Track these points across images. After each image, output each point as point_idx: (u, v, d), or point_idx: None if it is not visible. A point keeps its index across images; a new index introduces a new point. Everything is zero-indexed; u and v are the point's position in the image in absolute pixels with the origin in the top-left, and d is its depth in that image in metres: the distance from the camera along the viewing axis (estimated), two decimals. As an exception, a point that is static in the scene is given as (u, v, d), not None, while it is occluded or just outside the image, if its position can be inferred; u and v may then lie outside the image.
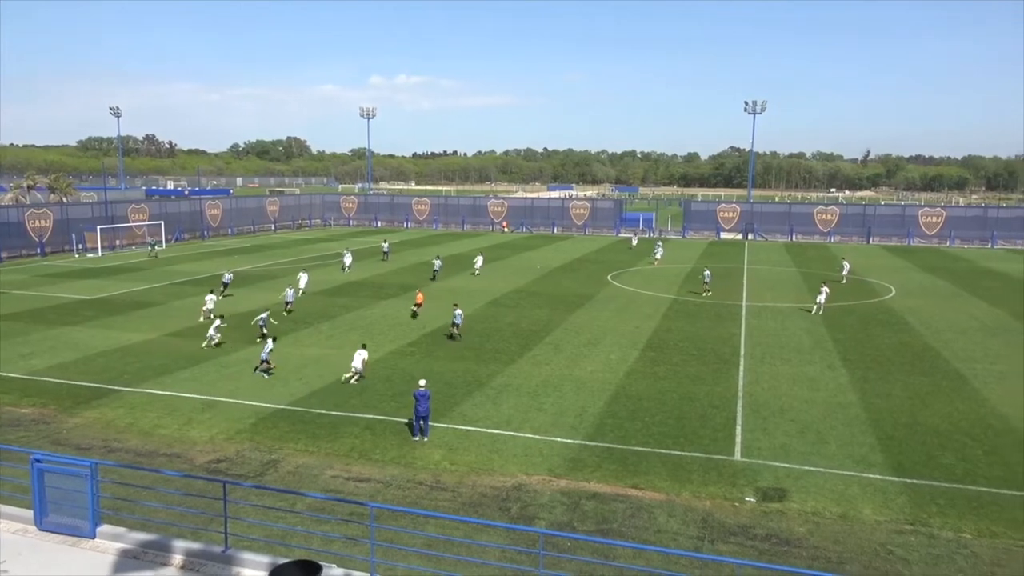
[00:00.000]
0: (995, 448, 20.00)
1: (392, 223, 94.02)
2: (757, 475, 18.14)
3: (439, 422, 21.18)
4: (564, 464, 18.67)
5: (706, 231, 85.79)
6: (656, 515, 16.01)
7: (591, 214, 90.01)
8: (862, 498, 16.93)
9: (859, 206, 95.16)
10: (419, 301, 36.95)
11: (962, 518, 15.99)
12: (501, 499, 16.70)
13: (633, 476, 17.98)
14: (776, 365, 28.10)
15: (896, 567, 14.05)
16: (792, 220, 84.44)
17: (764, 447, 19.91)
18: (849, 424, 21.71)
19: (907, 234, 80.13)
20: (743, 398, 24.10)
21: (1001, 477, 18.11)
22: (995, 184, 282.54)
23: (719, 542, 14.89)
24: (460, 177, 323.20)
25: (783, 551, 14.56)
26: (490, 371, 26.91)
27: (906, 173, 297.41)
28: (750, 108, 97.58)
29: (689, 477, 17.96)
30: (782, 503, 16.63)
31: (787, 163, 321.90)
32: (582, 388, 24.98)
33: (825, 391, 24.92)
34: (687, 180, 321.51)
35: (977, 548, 14.77)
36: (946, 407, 23.37)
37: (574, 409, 22.82)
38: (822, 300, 37.93)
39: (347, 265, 52.38)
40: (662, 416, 22.26)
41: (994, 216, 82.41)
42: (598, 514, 16.02)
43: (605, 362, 28.35)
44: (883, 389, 25.17)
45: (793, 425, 21.58)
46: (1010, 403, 23.77)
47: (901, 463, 18.91)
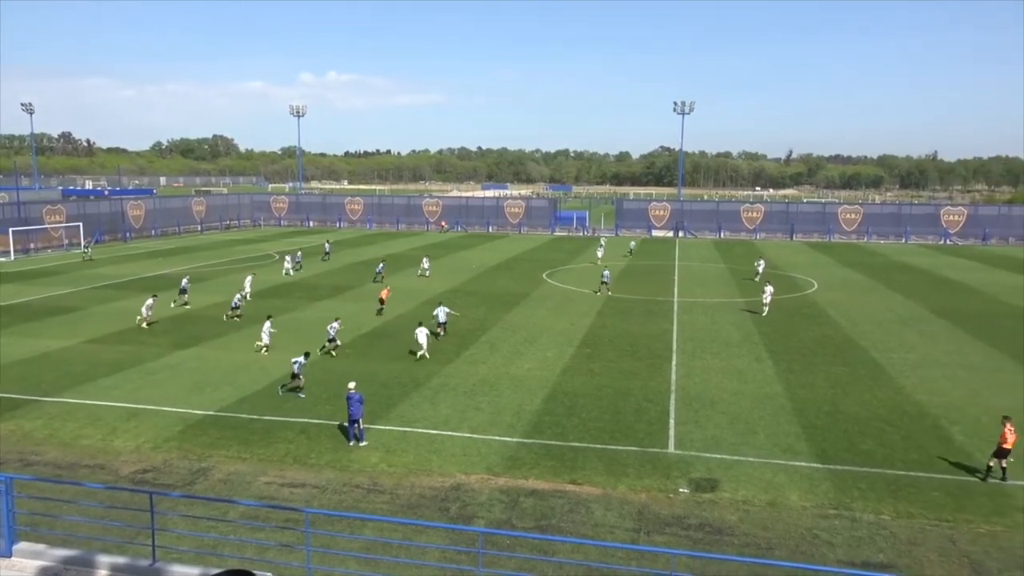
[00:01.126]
0: (911, 433, 21.05)
1: (325, 223, 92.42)
2: (690, 466, 18.61)
3: (376, 424, 20.96)
4: (502, 462, 18.75)
5: (638, 229, 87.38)
6: (593, 509, 16.25)
7: (526, 213, 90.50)
8: (789, 485, 17.57)
9: (783, 204, 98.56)
10: (383, 297, 37.37)
11: (881, 501, 16.78)
12: (440, 499, 16.66)
13: (570, 472, 18.19)
14: (707, 359, 28.87)
15: (821, 550, 14.64)
16: (720, 218, 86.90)
17: (696, 439, 20.44)
18: (775, 414, 22.49)
19: (828, 230, 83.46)
20: (676, 392, 24.68)
21: (917, 460, 19.08)
22: (908, 182, 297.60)
23: (654, 533, 15.22)
24: (394, 176, 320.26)
25: (715, 539, 14.99)
26: (427, 371, 26.77)
27: (826, 172, 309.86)
28: (679, 108, 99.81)
29: (625, 471, 18.29)
30: (714, 493, 17.11)
31: (715, 162, 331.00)
32: (519, 386, 25.12)
33: (753, 383, 25.74)
34: (619, 179, 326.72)
35: (895, 529, 15.53)
36: (865, 395, 24.46)
37: (511, 407, 22.93)
38: (767, 300, 38.06)
39: (288, 269, 50.59)
40: (598, 412, 22.59)
41: (907, 213, 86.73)
42: (537, 511, 16.15)
43: (542, 360, 28.57)
44: (807, 380, 26.17)
45: (724, 417, 22.22)
46: (924, 390, 25.05)
47: (824, 450, 19.71)
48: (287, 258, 52.39)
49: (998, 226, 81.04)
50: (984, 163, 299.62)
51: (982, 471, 18.25)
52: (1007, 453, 17.71)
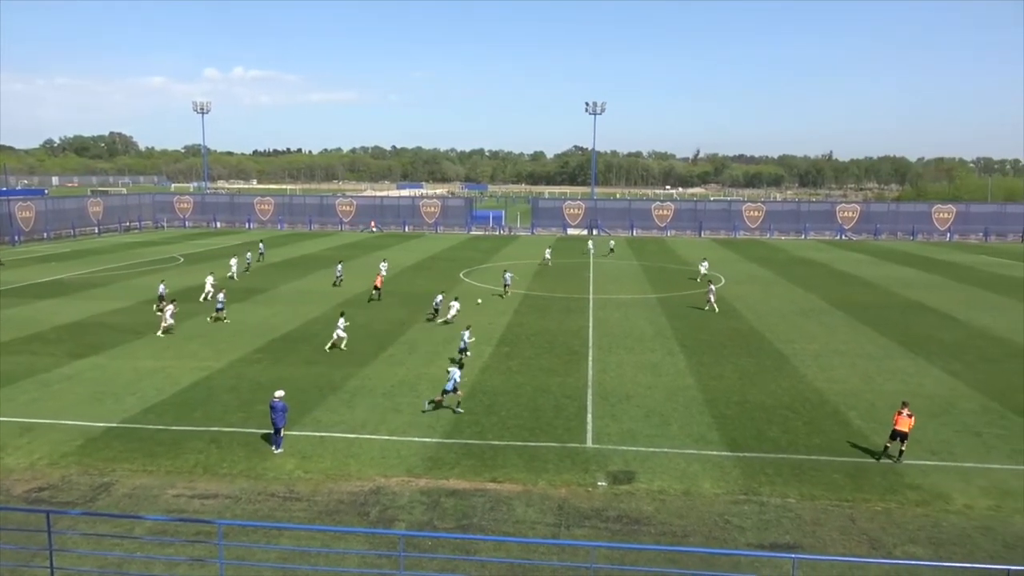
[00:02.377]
0: (813, 419, 22.16)
1: (233, 224, 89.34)
2: (608, 460, 18.99)
3: (291, 430, 20.41)
4: (422, 463, 18.62)
5: (553, 227, 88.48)
6: (514, 506, 16.35)
7: (442, 212, 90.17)
8: (702, 474, 18.19)
9: (691, 202, 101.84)
10: (378, 284, 41.06)
11: (787, 485, 17.59)
12: (359, 504, 16.39)
13: (491, 470, 18.25)
14: (622, 354, 29.51)
15: (733, 535, 15.22)
16: (632, 216, 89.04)
17: (613, 433, 20.87)
18: (688, 406, 23.23)
19: (733, 227, 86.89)
20: (593, 387, 25.12)
21: (818, 445, 20.10)
22: (806, 181, 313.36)
23: (574, 527, 15.45)
24: (306, 175, 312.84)
25: (633, 530, 15.36)
26: (344, 374, 26.28)
27: (731, 171, 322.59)
28: (591, 109, 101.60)
29: (545, 467, 18.48)
30: (631, 484, 17.52)
31: (626, 162, 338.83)
32: (439, 386, 24.92)
33: (666, 376, 26.50)
34: (534, 178, 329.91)
35: (800, 510, 16.31)
36: (771, 385, 25.59)
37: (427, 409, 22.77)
38: (712, 299, 38.54)
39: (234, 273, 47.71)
40: (517, 409, 22.74)
41: (806, 210, 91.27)
42: (458, 510, 16.12)
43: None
44: (717, 371, 27.14)
45: (639, 410, 22.78)
46: (824, 378, 26.41)
47: (734, 439, 20.50)
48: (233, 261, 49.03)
49: (888, 222, 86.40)
50: (875, 163, 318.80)
51: (878, 452, 19.41)
52: (902, 435, 18.81)
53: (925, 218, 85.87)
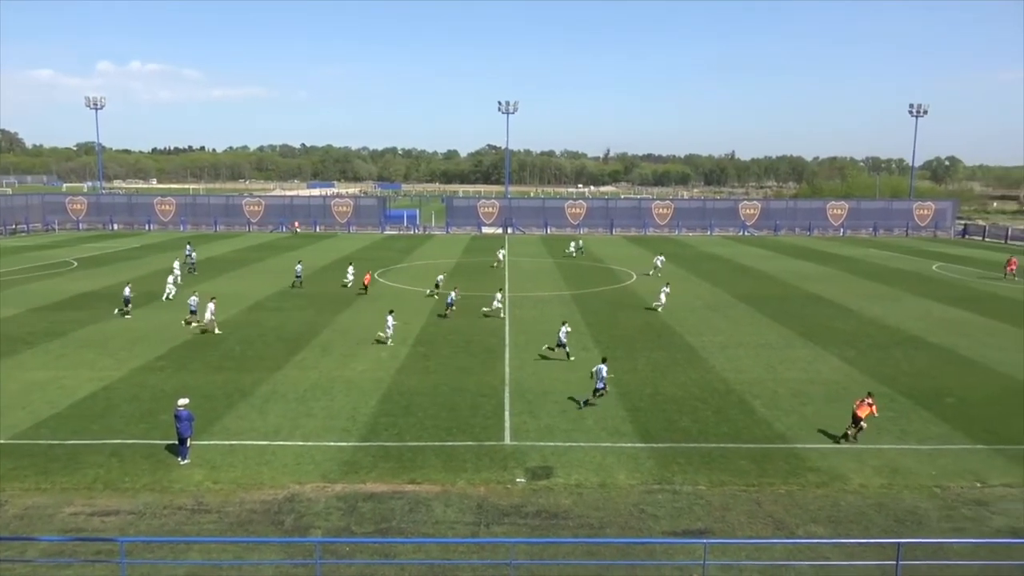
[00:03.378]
0: (720, 409, 23.02)
1: (131, 225, 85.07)
2: (526, 456, 19.15)
3: (199, 439, 19.61)
4: (339, 468, 18.26)
5: (468, 226, 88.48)
6: (433, 507, 16.27)
7: (354, 212, 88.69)
8: (617, 466, 18.60)
9: (603, 200, 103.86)
10: (366, 282, 42.21)
11: (698, 472, 18.22)
12: (273, 513, 15.92)
13: (409, 472, 18.09)
14: (538, 351, 29.80)
15: (648, 524, 15.64)
16: (546, 214, 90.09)
17: (531, 429, 21.07)
18: (603, 400, 23.68)
19: (643, 224, 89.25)
20: (510, 385, 25.28)
21: (726, 433, 20.91)
22: (711, 179, 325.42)
23: (494, 524, 15.51)
24: (210, 175, 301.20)
25: (552, 524, 15.55)
26: (254, 379, 25.47)
27: (640, 170, 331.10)
28: (503, 108, 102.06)
29: (463, 466, 18.47)
30: (549, 480, 17.74)
31: (540, 160, 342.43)
32: (353, 389, 24.59)
33: (579, 371, 26.92)
34: (448, 177, 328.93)
35: (710, 497, 16.92)
36: (681, 377, 26.42)
37: (346, 411, 22.39)
38: (663, 299, 38.89)
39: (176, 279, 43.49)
40: (435, 409, 22.63)
41: (711, 207, 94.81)
42: (376, 514, 15.90)
43: (376, 361, 28.14)
44: (630, 365, 27.81)
45: (556, 406, 23.08)
46: (730, 369, 27.48)
47: (648, 430, 21.06)
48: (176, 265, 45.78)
49: (786, 218, 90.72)
50: (773, 162, 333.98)
51: (781, 438, 20.37)
52: (858, 421, 20.05)
53: (820, 214, 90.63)
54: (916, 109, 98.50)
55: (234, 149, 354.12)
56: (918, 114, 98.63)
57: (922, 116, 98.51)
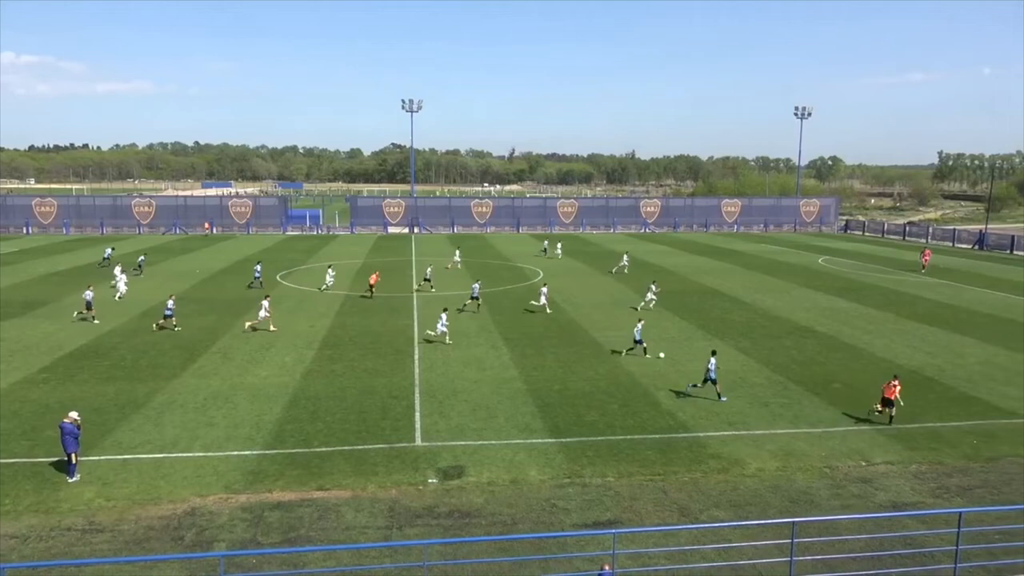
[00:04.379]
0: (627, 402, 23.64)
1: (7, 228, 79.15)
2: (437, 456, 19.07)
3: (89, 455, 18.48)
4: (243, 478, 17.63)
5: (374, 226, 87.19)
6: (344, 513, 15.96)
7: (254, 212, 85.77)
8: (528, 462, 18.79)
9: (509, 199, 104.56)
10: (372, 282, 41.51)
11: (606, 465, 18.65)
12: (173, 528, 15.20)
13: (318, 478, 17.67)
14: (447, 351, 29.73)
15: (559, 517, 15.89)
16: (453, 213, 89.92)
17: (442, 429, 20.99)
18: (513, 397, 23.89)
19: (549, 223, 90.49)
20: (420, 385, 25.09)
21: (633, 425, 21.49)
22: (613, 178, 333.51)
23: (406, 527, 15.37)
24: (95, 174, 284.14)
25: (465, 523, 15.55)
26: (149, 389, 24.22)
27: (545, 169, 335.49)
28: (408, 106, 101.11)
29: (374, 469, 18.21)
30: (461, 479, 17.73)
31: (445, 159, 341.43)
32: (257, 396, 23.78)
33: (491, 370, 27.07)
34: (352, 176, 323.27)
35: (619, 488, 17.36)
36: (588, 372, 26.97)
37: (250, 419, 21.63)
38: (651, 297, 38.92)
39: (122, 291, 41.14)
40: (343, 413, 22.19)
41: (614, 205, 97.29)
42: (284, 523, 15.45)
43: (280, 366, 27.32)
44: (538, 362, 28.15)
45: (466, 405, 23.08)
46: (635, 363, 28.25)
47: (557, 425, 21.38)
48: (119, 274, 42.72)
49: (685, 215, 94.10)
50: (672, 161, 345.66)
51: (684, 428, 21.13)
52: (890, 403, 21.56)
53: (715, 212, 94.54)
54: (801, 111, 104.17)
55: (121, 147, 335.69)
56: (803, 116, 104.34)
57: (807, 118, 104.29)
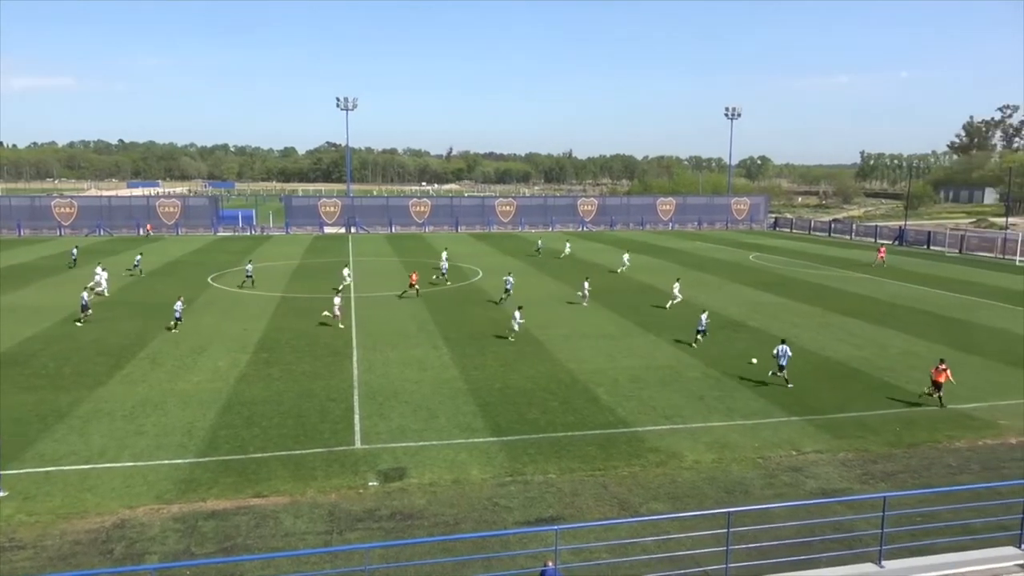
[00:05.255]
0: (567, 399, 23.86)
1: (-88, 232, 74.60)
2: (378, 459, 18.86)
3: (7, 468, 17.58)
4: (175, 488, 17.07)
5: (309, 226, 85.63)
6: (282, 519, 15.63)
7: (183, 212, 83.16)
8: (470, 462, 18.78)
9: (447, 198, 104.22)
10: (413, 280, 42.03)
11: (548, 462, 18.79)
12: (100, 542, 14.60)
13: (254, 485, 17.25)
14: (387, 351, 29.44)
15: (502, 516, 15.93)
16: (390, 213, 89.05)
17: (382, 431, 20.78)
18: (454, 397, 23.83)
19: (487, 222, 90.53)
20: (359, 387, 24.77)
21: (573, 422, 21.71)
22: (551, 177, 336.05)
23: (347, 531, 15.16)
24: (10, 174, 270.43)
25: (407, 525, 15.43)
26: (72, 398, 23.19)
27: (483, 168, 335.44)
28: (343, 104, 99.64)
29: (313, 474, 17.89)
30: (402, 481, 17.59)
31: (382, 158, 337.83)
32: (189, 402, 23.06)
33: (432, 370, 26.93)
34: (286, 175, 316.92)
35: (560, 484, 17.52)
36: (529, 370, 27.11)
37: (181, 426, 20.96)
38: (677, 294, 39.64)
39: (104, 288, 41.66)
40: (280, 418, 21.73)
41: (552, 204, 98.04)
42: (219, 533, 15.03)
43: (213, 371, 26.57)
44: (479, 361, 28.15)
45: (407, 406, 22.91)
46: (574, 360, 28.55)
47: (498, 424, 21.43)
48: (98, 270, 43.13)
49: (621, 214, 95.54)
50: (608, 160, 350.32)
51: (623, 423, 21.46)
52: (940, 387, 23.02)
53: (651, 210, 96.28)
54: (731, 112, 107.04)
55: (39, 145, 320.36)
56: (733, 116, 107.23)
57: (737, 119, 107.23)
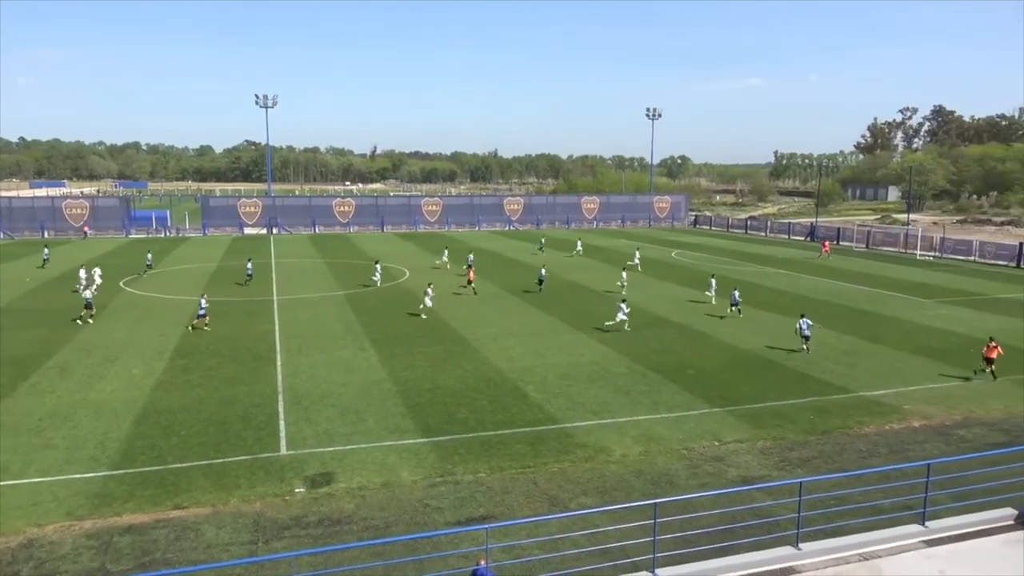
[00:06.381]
0: (496, 397, 23.93)
1: None
2: (304, 464, 18.46)
3: (-102, 490, 16.39)
4: (87, 503, 16.26)
5: (228, 227, 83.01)
6: (204, 531, 15.10)
7: (92, 214, 79.31)
8: (400, 464, 18.60)
9: (372, 198, 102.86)
10: (471, 278, 44.08)
11: (478, 461, 18.80)
12: (6, 564, 13.77)
13: (174, 496, 16.61)
14: (312, 355, 28.84)
15: (432, 517, 15.85)
16: (313, 213, 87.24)
17: (309, 436, 20.34)
18: (383, 399, 23.55)
19: (414, 222, 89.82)
20: (284, 392, 24.18)
21: (502, 420, 21.79)
22: (476, 176, 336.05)
23: (273, 540, 14.78)
24: None
25: (336, 531, 15.16)
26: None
27: (408, 167, 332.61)
28: (261, 102, 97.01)
29: (236, 483, 17.36)
30: (330, 486, 17.27)
31: (304, 157, 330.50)
32: (101, 412, 22.00)
33: (359, 372, 26.54)
34: (203, 175, 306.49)
35: (491, 483, 17.55)
36: (457, 369, 27.05)
37: (94, 438, 19.98)
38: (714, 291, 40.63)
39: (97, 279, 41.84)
40: (200, 426, 20.99)
41: (479, 203, 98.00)
42: (136, 548, 14.40)
43: (127, 379, 25.43)
44: (408, 362, 27.91)
45: (334, 410, 22.50)
46: (503, 358, 28.65)
47: (428, 425, 21.30)
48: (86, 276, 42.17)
49: (547, 213, 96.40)
50: (533, 159, 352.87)
51: (552, 420, 21.68)
52: (992, 362, 25.60)
53: (576, 209, 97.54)
54: (653, 112, 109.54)
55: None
56: (654, 117, 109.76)
57: (658, 119, 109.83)
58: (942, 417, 22.40)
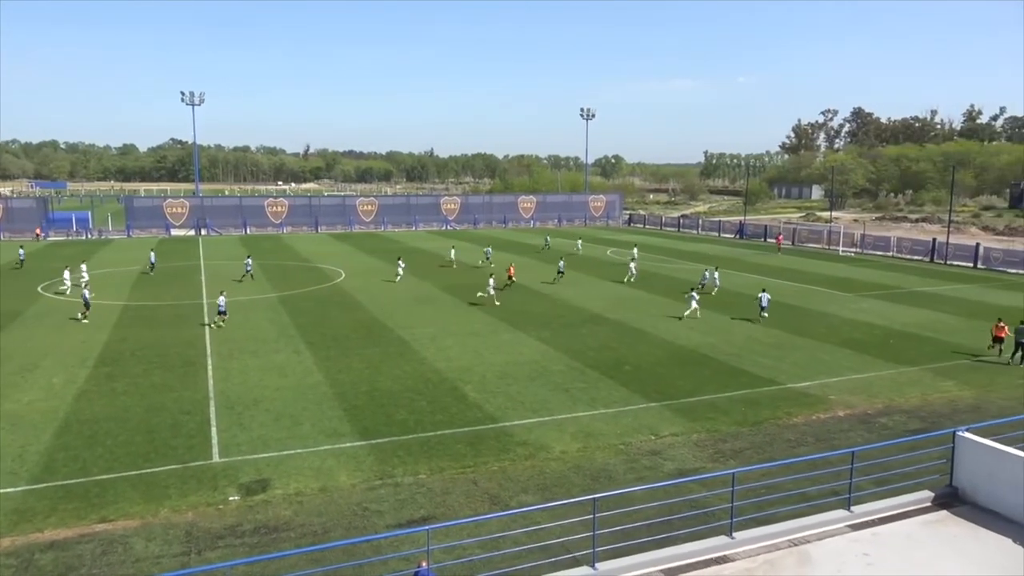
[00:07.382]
0: (435, 398, 23.81)
1: None
2: (238, 472, 17.99)
3: None
4: (5, 519, 15.45)
5: (154, 228, 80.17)
6: (132, 544, 14.55)
7: (6, 215, 75.54)
8: (337, 468, 18.32)
9: (305, 198, 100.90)
10: (511, 273, 44.96)
11: (418, 462, 18.68)
12: (-87, 588, 12.99)
13: (99, 509, 15.95)
14: (245, 359, 28.12)
15: (372, 520, 15.67)
16: (244, 213, 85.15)
17: (242, 442, 19.84)
18: (319, 403, 23.15)
19: (349, 222, 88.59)
20: (215, 398, 23.51)
21: (442, 420, 21.70)
22: (412, 175, 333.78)
23: (207, 550, 14.35)
24: None
25: (272, 539, 14.83)
26: None
27: (342, 166, 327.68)
28: (188, 99, 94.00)
29: (166, 493, 16.79)
30: (266, 493, 16.88)
31: (234, 156, 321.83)
32: (19, 424, 20.95)
33: (294, 376, 26.02)
34: (126, 174, 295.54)
35: (431, 484, 17.47)
36: (395, 371, 26.81)
37: (11, 451, 19.01)
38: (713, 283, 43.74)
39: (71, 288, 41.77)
40: (127, 435, 20.21)
41: (415, 203, 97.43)
42: (60, 564, 13.77)
43: (47, 388, 24.28)
44: (344, 364, 27.50)
45: (268, 415, 21.99)
46: (441, 358, 28.54)
47: (366, 427, 21.04)
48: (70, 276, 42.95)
49: (484, 212, 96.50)
50: (470, 159, 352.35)
51: (492, 419, 21.72)
52: (1001, 340, 28.05)
53: (513, 208, 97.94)
54: (586, 112, 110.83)
55: None
56: (588, 117, 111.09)
57: (592, 119, 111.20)
58: (864, 406, 23.41)
